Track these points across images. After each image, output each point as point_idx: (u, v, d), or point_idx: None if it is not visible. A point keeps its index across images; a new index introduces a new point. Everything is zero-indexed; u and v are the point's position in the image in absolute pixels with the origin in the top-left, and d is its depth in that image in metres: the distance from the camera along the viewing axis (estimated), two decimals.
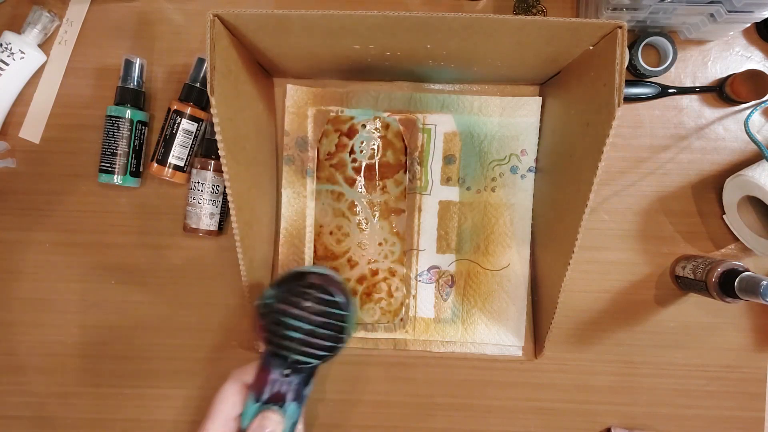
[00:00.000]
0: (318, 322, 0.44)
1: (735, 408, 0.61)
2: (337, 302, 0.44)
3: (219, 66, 0.44)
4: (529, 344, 0.62)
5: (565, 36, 0.47)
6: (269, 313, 0.44)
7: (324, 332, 0.44)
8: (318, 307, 0.44)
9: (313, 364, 0.45)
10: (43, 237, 0.62)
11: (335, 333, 0.44)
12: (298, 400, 0.45)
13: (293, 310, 0.44)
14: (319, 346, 0.44)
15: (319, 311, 0.44)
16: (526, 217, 0.61)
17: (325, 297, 0.44)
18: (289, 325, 0.44)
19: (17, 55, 0.58)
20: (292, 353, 0.44)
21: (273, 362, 0.45)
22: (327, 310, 0.44)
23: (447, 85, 0.62)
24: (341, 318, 0.44)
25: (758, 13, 0.53)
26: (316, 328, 0.44)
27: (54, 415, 0.62)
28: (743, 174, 0.56)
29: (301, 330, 0.44)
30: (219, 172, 0.58)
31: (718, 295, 0.54)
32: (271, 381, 0.44)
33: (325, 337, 0.44)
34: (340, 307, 0.44)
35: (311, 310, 0.44)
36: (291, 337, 0.44)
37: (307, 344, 0.44)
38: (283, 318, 0.44)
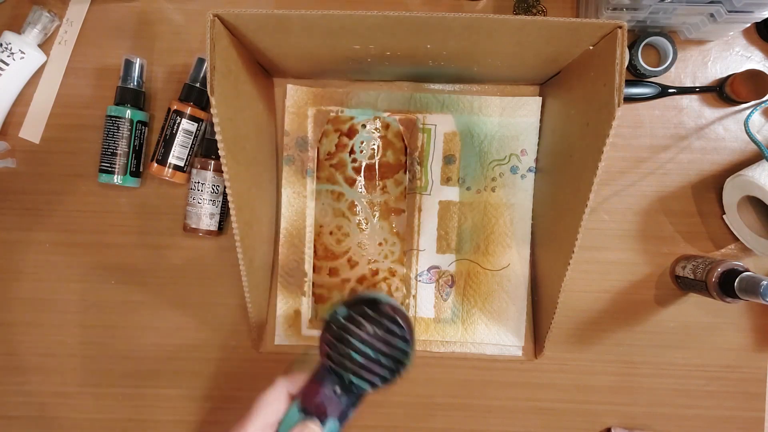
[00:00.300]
0: (382, 350, 0.44)
1: (735, 408, 0.61)
2: (405, 337, 0.45)
3: (219, 66, 0.44)
4: (529, 344, 0.62)
5: (565, 36, 0.47)
6: (337, 330, 0.45)
7: (385, 362, 0.45)
8: (387, 337, 0.44)
9: (367, 390, 0.45)
10: (43, 237, 0.62)
11: (395, 365, 0.45)
12: (341, 419, 0.45)
13: (362, 333, 0.44)
14: (377, 374, 0.45)
15: (386, 341, 0.44)
16: (526, 217, 0.61)
17: (394, 329, 0.44)
18: (355, 346, 0.44)
19: (17, 55, 0.58)
20: (350, 374, 0.44)
21: (328, 377, 0.45)
22: (393, 341, 0.44)
23: (447, 85, 0.62)
24: (404, 352, 0.45)
25: (758, 13, 0.53)
26: (379, 356, 0.44)
27: (54, 415, 0.62)
28: (743, 174, 0.56)
29: (365, 355, 0.44)
30: (219, 172, 0.58)
31: (718, 295, 0.54)
32: (321, 394, 0.45)
33: (384, 367, 0.45)
34: (406, 341, 0.45)
35: (379, 338, 0.44)
36: (353, 359, 0.44)
37: (367, 369, 0.45)
38: (350, 338, 0.44)
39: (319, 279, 0.61)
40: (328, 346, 0.45)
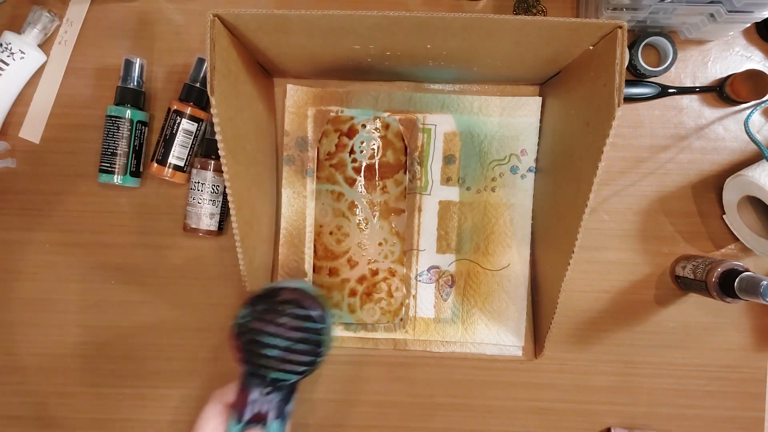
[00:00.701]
0: (294, 337, 0.44)
1: (735, 408, 0.61)
2: (312, 316, 0.44)
3: (219, 66, 0.44)
4: (529, 344, 0.62)
5: (565, 36, 0.47)
6: (244, 333, 0.44)
7: (301, 347, 0.44)
8: (293, 322, 0.43)
9: (293, 380, 0.44)
10: (43, 237, 0.62)
11: (313, 347, 0.44)
12: (280, 417, 0.45)
13: (268, 327, 0.43)
14: (297, 362, 0.44)
15: (294, 326, 0.43)
16: (526, 217, 0.61)
17: (299, 312, 0.44)
18: (265, 343, 0.43)
19: (17, 55, 0.58)
20: (270, 371, 0.44)
21: (252, 381, 0.44)
22: (302, 325, 0.44)
23: (447, 85, 0.62)
24: (317, 331, 0.44)
25: (758, 13, 0.53)
26: (292, 344, 0.43)
27: (54, 415, 0.62)
28: (743, 174, 0.56)
29: (278, 347, 0.43)
30: (219, 172, 0.58)
31: (718, 295, 0.54)
32: (252, 401, 0.44)
33: (302, 352, 0.44)
34: (315, 321, 0.44)
35: (286, 326, 0.43)
36: (268, 356, 0.43)
37: (285, 361, 0.44)
38: (258, 337, 0.44)
39: (319, 279, 0.61)
40: (240, 351, 0.44)
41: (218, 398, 0.46)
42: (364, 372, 0.62)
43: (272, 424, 0.44)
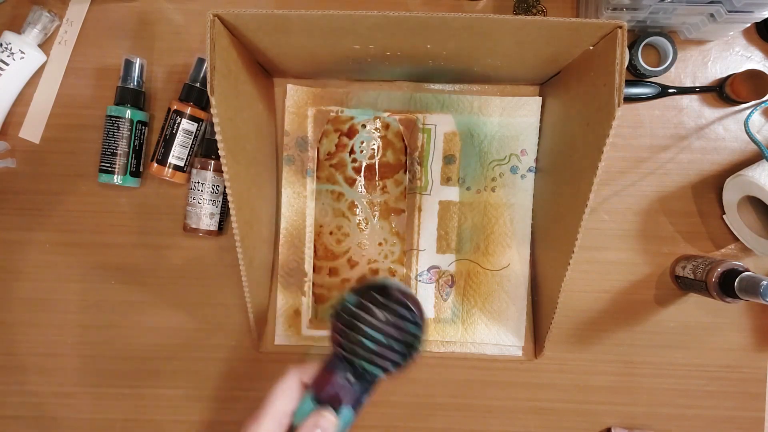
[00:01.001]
0: (394, 335, 0.44)
1: (735, 408, 0.61)
2: (416, 321, 0.44)
3: (219, 66, 0.44)
4: (529, 344, 0.62)
5: (565, 36, 0.47)
6: (347, 318, 0.44)
7: (397, 347, 0.44)
8: (397, 321, 0.44)
9: (380, 375, 0.45)
10: (43, 237, 0.62)
11: (408, 350, 0.45)
12: (355, 406, 0.45)
13: (372, 319, 0.44)
14: (390, 359, 0.44)
15: (397, 325, 0.44)
16: (526, 217, 0.61)
17: (405, 313, 0.44)
18: (366, 333, 0.44)
19: (17, 55, 0.58)
20: (362, 361, 0.44)
21: (340, 365, 0.45)
22: (404, 326, 0.44)
23: (447, 85, 0.62)
24: (416, 336, 0.44)
25: (758, 13, 0.53)
26: (391, 341, 0.44)
27: (54, 415, 0.62)
28: (743, 174, 0.56)
29: (376, 341, 0.44)
30: (219, 172, 0.58)
31: (718, 295, 0.54)
32: (334, 383, 0.45)
33: (397, 351, 0.44)
34: (417, 325, 0.44)
35: (390, 323, 0.44)
36: (365, 346, 0.44)
37: (379, 355, 0.44)
38: (361, 325, 0.44)
39: (319, 279, 0.61)
40: (339, 335, 0.44)
41: (296, 374, 0.46)
42: None
43: (346, 409, 0.45)
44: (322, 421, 0.44)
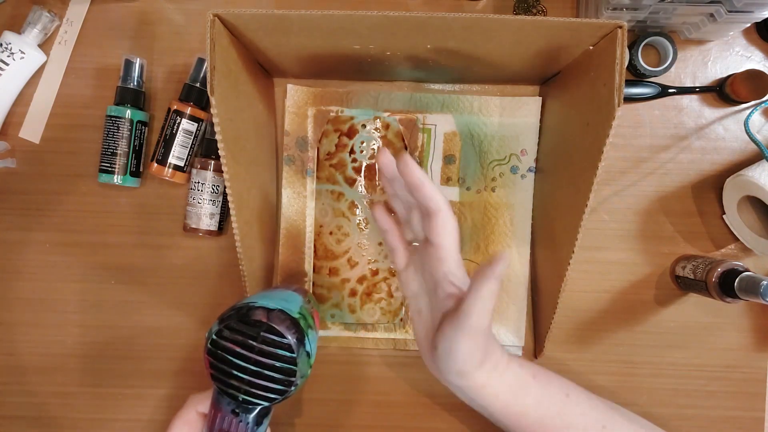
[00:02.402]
0: (264, 364, 0.41)
1: (735, 408, 0.61)
2: (284, 344, 0.41)
3: (219, 66, 0.44)
4: (529, 344, 0.62)
5: (565, 36, 0.47)
6: (216, 350, 0.42)
7: (271, 375, 0.41)
8: (264, 348, 0.41)
9: (264, 404, 0.43)
10: (43, 237, 0.62)
11: (284, 376, 0.42)
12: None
13: (238, 349, 0.41)
14: (266, 389, 0.42)
15: (265, 352, 0.41)
16: (526, 217, 0.61)
17: (271, 338, 0.41)
18: (235, 364, 0.41)
19: (17, 55, 0.58)
20: (241, 393, 0.42)
21: (222, 400, 0.43)
22: (273, 351, 0.41)
23: (447, 85, 0.62)
24: (289, 360, 0.41)
25: (758, 13, 0.53)
26: (262, 369, 0.41)
27: (54, 415, 0.62)
28: (743, 174, 0.56)
29: (248, 371, 0.41)
30: (219, 172, 0.58)
31: (718, 295, 0.54)
32: (223, 419, 0.42)
33: (272, 380, 0.42)
34: (288, 349, 0.41)
35: (256, 350, 0.41)
36: (238, 377, 0.41)
37: (254, 386, 0.42)
38: (227, 356, 0.41)
39: (319, 279, 0.61)
40: (212, 369, 0.42)
41: (193, 405, 0.45)
42: (364, 372, 0.62)
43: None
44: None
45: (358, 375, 0.62)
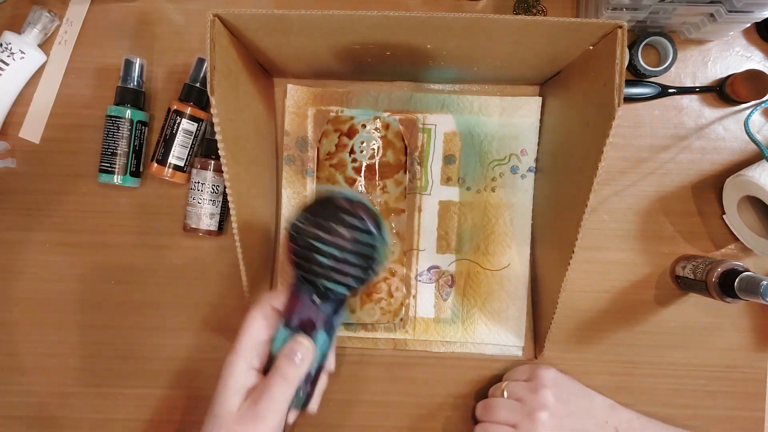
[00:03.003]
0: (349, 249, 0.42)
1: (735, 408, 0.61)
2: (369, 230, 0.42)
3: (219, 66, 0.44)
4: (529, 344, 0.62)
5: (565, 36, 0.47)
6: (301, 236, 0.42)
7: (355, 260, 0.42)
8: (350, 233, 0.42)
9: (344, 292, 0.43)
10: (43, 237, 0.62)
11: (367, 261, 0.42)
12: (327, 329, 0.44)
13: (324, 235, 0.42)
14: (349, 274, 0.42)
15: (351, 238, 0.42)
16: (526, 217, 0.61)
17: (356, 223, 0.42)
18: (320, 250, 0.42)
19: (17, 55, 0.58)
20: (322, 279, 0.42)
21: (303, 288, 0.43)
22: (358, 237, 0.42)
23: (447, 85, 0.62)
24: (372, 246, 0.42)
25: (758, 13, 0.53)
26: (347, 255, 0.42)
27: (54, 415, 0.62)
28: (743, 174, 0.56)
29: (332, 256, 0.42)
30: (219, 172, 0.58)
31: (718, 295, 0.54)
32: (301, 307, 0.43)
33: (356, 265, 0.42)
34: (371, 234, 0.42)
35: (343, 236, 0.42)
36: (321, 263, 0.42)
37: (337, 271, 0.42)
38: (312, 242, 0.42)
39: None
40: (295, 256, 0.43)
41: (267, 302, 0.45)
42: (364, 372, 0.62)
43: (319, 334, 0.44)
44: (297, 347, 0.43)
45: (358, 375, 0.62)
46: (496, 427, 0.55)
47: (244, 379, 0.43)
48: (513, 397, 0.56)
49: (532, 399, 0.54)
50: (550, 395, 0.54)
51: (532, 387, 0.55)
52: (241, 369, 0.43)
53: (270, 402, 0.43)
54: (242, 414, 0.43)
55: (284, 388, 0.43)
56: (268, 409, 0.42)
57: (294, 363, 0.43)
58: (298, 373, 0.44)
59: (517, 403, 0.55)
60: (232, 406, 0.43)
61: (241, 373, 0.43)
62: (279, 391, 0.43)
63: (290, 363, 0.43)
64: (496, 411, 0.56)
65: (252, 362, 0.44)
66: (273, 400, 0.43)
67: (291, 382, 0.43)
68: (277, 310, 0.45)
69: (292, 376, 0.43)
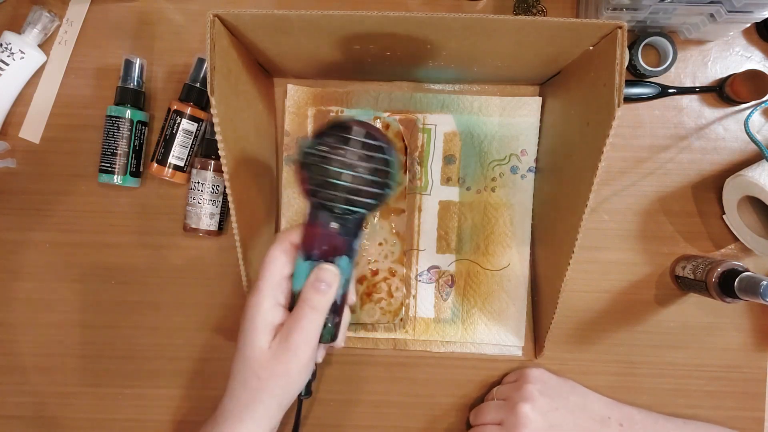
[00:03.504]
0: (365, 167, 0.42)
1: (735, 408, 0.61)
2: (381, 147, 0.42)
3: (219, 66, 0.44)
4: (529, 344, 0.62)
5: (565, 36, 0.47)
6: (313, 162, 0.42)
7: (371, 178, 0.42)
8: (362, 152, 0.42)
9: (362, 214, 0.43)
10: (43, 237, 0.62)
11: (382, 179, 0.42)
12: (349, 254, 0.44)
13: (338, 156, 0.42)
14: (365, 194, 0.42)
15: (363, 156, 0.42)
16: (526, 217, 0.61)
17: (370, 142, 0.42)
18: (335, 172, 0.42)
19: (17, 55, 0.58)
20: (339, 203, 0.42)
21: (320, 215, 0.43)
22: (371, 155, 0.42)
23: (447, 85, 0.62)
24: (387, 163, 0.42)
25: (758, 13, 0.53)
26: (363, 174, 0.42)
27: (54, 415, 0.62)
28: (743, 174, 0.56)
29: (347, 177, 0.42)
30: (219, 172, 0.58)
31: (718, 295, 0.54)
32: (320, 236, 0.43)
33: (372, 184, 0.42)
34: (384, 152, 0.42)
35: (357, 155, 0.42)
36: (337, 186, 0.42)
37: (354, 192, 0.42)
38: (327, 166, 0.42)
39: None
40: (309, 182, 0.42)
41: (284, 239, 0.45)
42: (364, 372, 0.62)
43: (341, 259, 0.43)
44: (323, 274, 0.43)
45: (358, 375, 0.62)
46: (483, 428, 0.55)
47: (272, 316, 0.43)
48: (501, 398, 0.57)
49: (516, 395, 0.55)
50: (533, 389, 0.55)
51: (517, 385, 0.56)
52: (268, 306, 0.43)
53: (302, 334, 0.42)
54: (274, 351, 0.43)
55: (314, 318, 0.43)
56: (300, 341, 0.42)
57: (321, 291, 0.43)
58: (326, 301, 0.43)
59: (503, 402, 0.56)
60: (263, 344, 0.43)
61: (268, 310, 0.43)
62: (309, 322, 0.43)
63: (317, 291, 0.43)
64: (485, 413, 0.57)
65: (278, 299, 0.44)
66: (304, 331, 0.43)
67: (320, 311, 0.43)
68: (295, 245, 0.45)
69: (321, 305, 0.43)
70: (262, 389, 0.43)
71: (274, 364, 0.43)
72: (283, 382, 0.43)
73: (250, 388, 0.43)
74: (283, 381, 0.43)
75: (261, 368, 0.43)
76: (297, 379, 0.44)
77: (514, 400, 0.55)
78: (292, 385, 0.44)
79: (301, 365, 0.43)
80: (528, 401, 0.54)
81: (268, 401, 0.44)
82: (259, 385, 0.43)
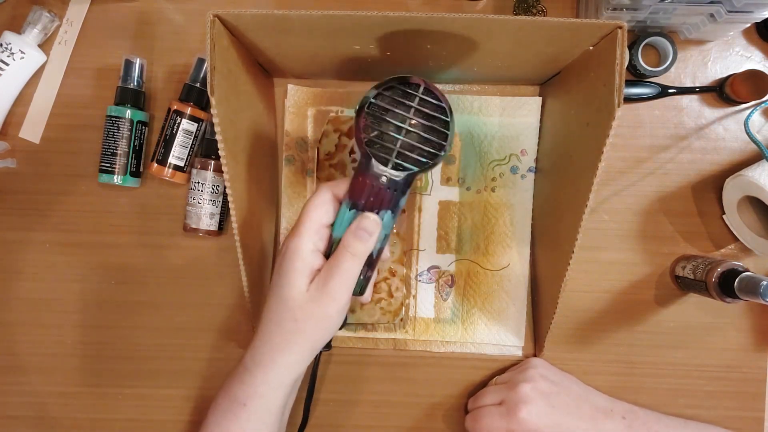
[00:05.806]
0: (423, 125, 0.42)
1: (735, 408, 0.61)
2: (443, 107, 0.42)
3: (219, 66, 0.44)
4: (529, 344, 0.62)
5: (565, 36, 0.47)
6: (375, 112, 0.42)
7: (429, 137, 0.42)
8: (425, 109, 0.42)
9: (414, 171, 0.43)
10: (43, 237, 0.62)
11: (439, 139, 0.42)
12: (393, 209, 0.44)
13: (398, 110, 0.42)
14: (420, 152, 0.42)
15: (426, 114, 0.42)
16: (526, 217, 0.61)
17: (432, 101, 0.42)
18: (396, 125, 0.42)
19: (17, 55, 0.58)
20: (394, 155, 0.42)
21: (372, 166, 0.43)
22: (432, 114, 0.42)
23: (447, 85, 0.62)
24: (445, 125, 0.42)
25: (758, 13, 0.53)
26: (420, 132, 0.42)
27: (54, 415, 0.62)
28: (743, 174, 0.56)
29: (406, 132, 0.42)
30: (219, 172, 0.58)
31: (718, 295, 0.54)
32: (368, 187, 0.43)
33: (427, 143, 0.42)
34: (443, 113, 0.42)
35: (417, 111, 0.42)
36: (394, 139, 0.42)
37: (411, 147, 0.42)
38: (387, 118, 0.42)
39: None
40: (368, 132, 0.42)
41: (329, 188, 0.45)
42: (364, 372, 0.62)
43: (385, 213, 0.43)
44: (365, 223, 0.43)
45: (358, 375, 0.62)
46: (483, 409, 0.55)
47: (311, 259, 0.43)
48: (500, 383, 0.57)
49: (518, 376, 0.55)
50: (534, 373, 0.55)
51: (519, 369, 0.57)
52: (307, 250, 0.43)
53: (341, 278, 0.43)
54: (313, 293, 0.43)
55: (353, 265, 0.43)
56: (339, 285, 0.43)
57: (362, 239, 0.43)
58: (366, 249, 0.44)
59: (503, 385, 0.56)
60: (302, 287, 0.43)
61: (308, 254, 0.43)
62: (348, 268, 0.43)
63: (358, 239, 0.43)
64: (484, 397, 0.57)
65: (317, 245, 0.44)
66: (343, 276, 0.43)
67: (360, 258, 0.43)
68: (337, 197, 0.45)
69: (361, 252, 0.43)
70: (298, 331, 0.43)
71: (313, 306, 0.43)
72: (321, 325, 0.44)
73: (285, 329, 0.44)
74: (321, 324, 0.44)
75: (299, 309, 0.43)
76: (333, 323, 0.44)
77: (515, 381, 0.55)
78: (327, 329, 0.45)
79: (338, 309, 0.44)
80: (529, 382, 0.54)
81: (303, 343, 0.44)
82: (296, 326, 0.43)
